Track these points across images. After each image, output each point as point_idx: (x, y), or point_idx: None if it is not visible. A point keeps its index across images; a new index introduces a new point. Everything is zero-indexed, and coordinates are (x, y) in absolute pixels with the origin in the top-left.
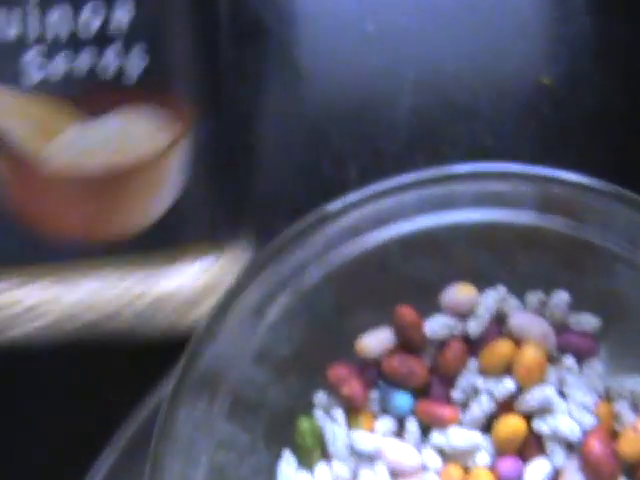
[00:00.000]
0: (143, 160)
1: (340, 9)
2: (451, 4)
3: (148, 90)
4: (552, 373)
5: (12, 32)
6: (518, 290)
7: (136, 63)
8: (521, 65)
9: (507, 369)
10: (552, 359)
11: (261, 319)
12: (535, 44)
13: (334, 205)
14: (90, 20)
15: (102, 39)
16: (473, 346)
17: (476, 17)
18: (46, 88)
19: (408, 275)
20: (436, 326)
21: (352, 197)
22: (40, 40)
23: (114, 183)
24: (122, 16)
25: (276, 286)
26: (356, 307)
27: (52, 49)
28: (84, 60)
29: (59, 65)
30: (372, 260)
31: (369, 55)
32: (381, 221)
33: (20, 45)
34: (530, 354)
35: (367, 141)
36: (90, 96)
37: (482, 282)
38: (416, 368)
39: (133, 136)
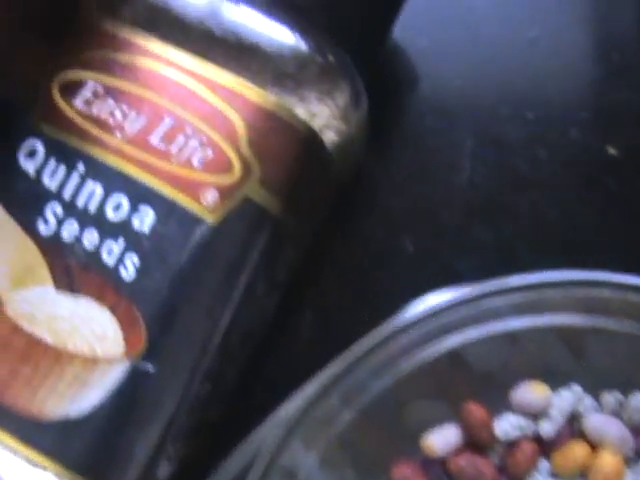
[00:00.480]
0: (83, 354)
1: (401, 71)
2: (511, 69)
3: (124, 296)
4: (629, 479)
5: (53, 184)
6: (594, 388)
7: (129, 269)
8: (586, 134)
9: (581, 472)
10: (629, 463)
11: (332, 426)
12: (600, 113)
13: (413, 315)
14: (110, 208)
15: (113, 229)
16: (545, 446)
17: (538, 83)
18: (43, 242)
19: (477, 371)
20: (507, 426)
21: (429, 308)
22: (64, 200)
23: (50, 358)
24: (139, 223)
25: (346, 396)
26: (422, 402)
27: (68, 212)
28: (89, 237)
29: (68, 229)
30: (443, 361)
31: (425, 120)
32: (455, 328)
33: (49, 196)
34: (607, 460)
35: (424, 211)
36: (74, 270)
37: (556, 379)
38: (484, 469)
39: (89, 326)
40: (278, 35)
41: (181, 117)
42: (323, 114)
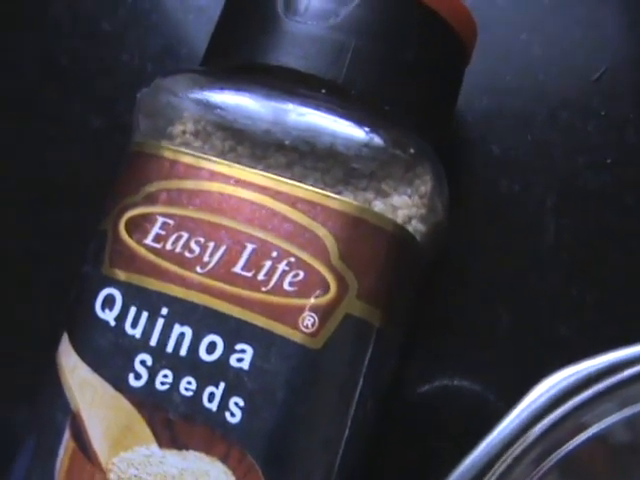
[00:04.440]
0: None
1: (466, 133)
2: (581, 114)
3: (234, 443)
4: None
5: (137, 333)
6: None
7: (235, 412)
8: None
9: None
10: None
11: None
12: None
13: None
14: (203, 350)
15: (210, 372)
16: None
17: (610, 125)
18: (137, 397)
19: None
20: None
21: (570, 405)
22: (152, 349)
23: None
24: (238, 361)
25: None
26: None
27: (159, 361)
28: (185, 384)
29: (161, 379)
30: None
31: (499, 184)
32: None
33: (135, 346)
34: None
35: (514, 279)
36: (176, 423)
37: None
38: None
39: None
40: (350, 132)
41: (263, 240)
42: (406, 206)
